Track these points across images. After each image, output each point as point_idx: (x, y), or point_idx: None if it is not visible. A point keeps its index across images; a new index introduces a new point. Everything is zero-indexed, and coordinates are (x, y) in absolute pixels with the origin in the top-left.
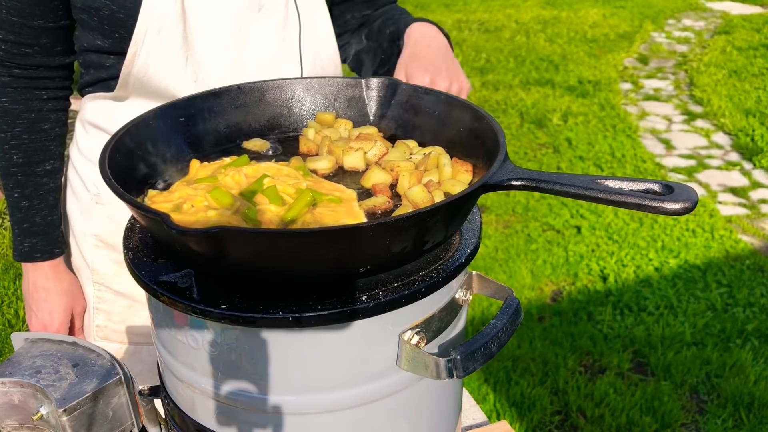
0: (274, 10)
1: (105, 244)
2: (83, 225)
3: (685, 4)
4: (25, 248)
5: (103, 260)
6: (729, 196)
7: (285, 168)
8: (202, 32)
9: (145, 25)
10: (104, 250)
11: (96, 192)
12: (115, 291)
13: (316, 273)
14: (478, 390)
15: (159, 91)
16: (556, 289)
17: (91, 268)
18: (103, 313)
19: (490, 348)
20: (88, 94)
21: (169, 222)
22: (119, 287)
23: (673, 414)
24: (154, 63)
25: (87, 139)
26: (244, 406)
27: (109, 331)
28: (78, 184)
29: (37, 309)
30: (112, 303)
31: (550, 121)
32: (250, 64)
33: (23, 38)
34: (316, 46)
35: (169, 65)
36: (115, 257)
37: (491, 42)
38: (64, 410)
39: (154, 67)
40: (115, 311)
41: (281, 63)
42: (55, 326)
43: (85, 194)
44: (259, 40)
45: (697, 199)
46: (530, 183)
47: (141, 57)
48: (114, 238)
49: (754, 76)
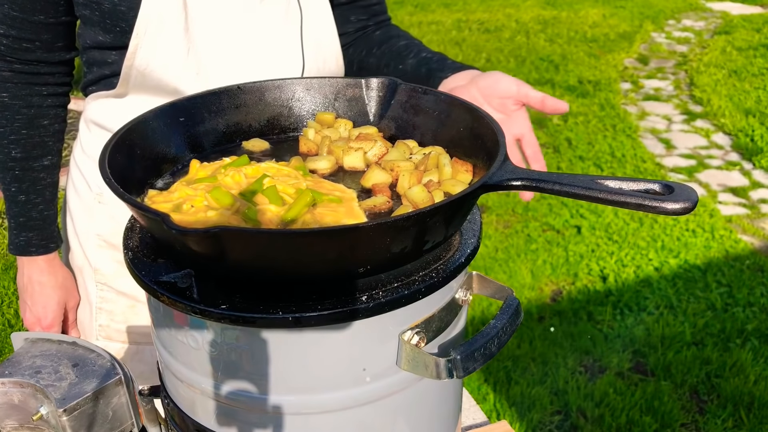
0: (275, 3)
1: (107, 244)
2: (86, 224)
3: (685, 4)
4: (21, 242)
5: (105, 260)
6: (729, 196)
7: (285, 168)
8: (203, 24)
9: (146, 17)
10: (107, 249)
11: (98, 191)
12: (118, 291)
13: (316, 273)
14: (478, 390)
15: (161, 85)
16: (556, 289)
17: (94, 268)
18: (105, 313)
19: (490, 348)
20: (92, 93)
21: (169, 222)
22: (121, 287)
23: (673, 414)
24: (155, 55)
25: (90, 139)
26: (244, 406)
27: (112, 330)
28: (81, 184)
29: (32, 303)
30: (115, 303)
31: (550, 121)
32: (252, 57)
33: (24, 33)
34: (318, 40)
35: (170, 57)
36: (117, 257)
37: (491, 42)
38: (64, 410)
39: (156, 59)
40: (118, 311)
41: (283, 55)
42: (48, 319)
43: (88, 193)
44: (261, 32)
45: (697, 199)
46: (530, 183)
47: (142, 49)
48: (116, 238)
49: (754, 76)
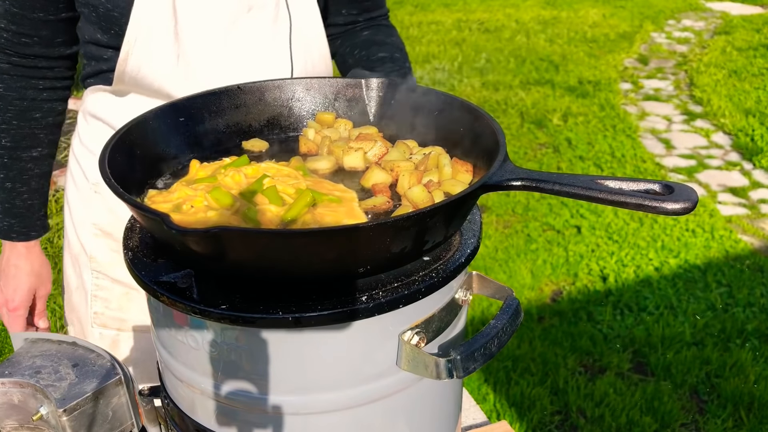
0: (264, 9)
1: (103, 233)
2: (82, 213)
3: (685, 4)
4: (4, 226)
5: (101, 248)
6: (729, 196)
7: (285, 168)
8: (193, 31)
9: (136, 25)
10: (102, 238)
11: (95, 182)
12: (113, 279)
13: (316, 273)
14: (478, 390)
15: (153, 89)
16: (556, 289)
17: (90, 256)
18: (100, 300)
19: (490, 348)
20: (90, 86)
21: (169, 222)
22: (116, 275)
23: (673, 414)
24: (146, 62)
25: (87, 130)
26: (244, 406)
27: (107, 318)
28: (78, 174)
29: (4, 284)
30: (110, 290)
31: (550, 121)
32: (241, 63)
33: (24, 29)
34: (307, 45)
35: (160, 64)
36: (112, 246)
37: (491, 42)
38: (64, 410)
39: (146, 66)
40: (113, 298)
41: (272, 61)
42: (16, 302)
43: (84, 183)
44: (250, 38)
45: (697, 199)
46: (530, 183)
47: (133, 56)
48: (111, 227)
49: (754, 76)
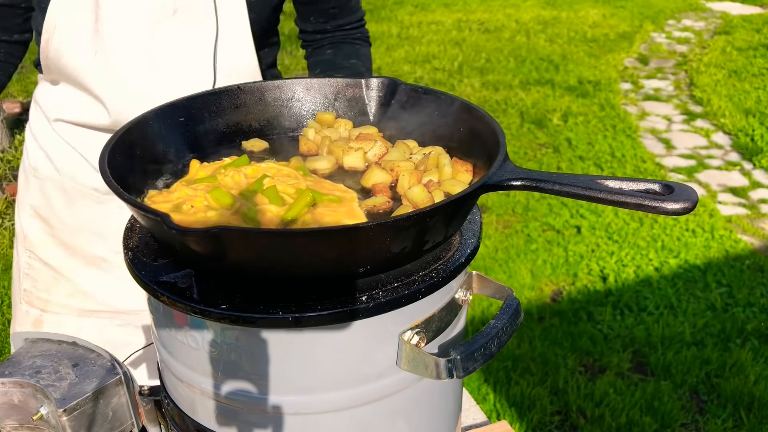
0: (190, 15)
1: (37, 215)
2: (23, 193)
3: (685, 4)
4: None
5: (35, 229)
6: (729, 196)
7: (285, 168)
8: (114, 28)
9: (55, 12)
10: (36, 219)
11: (34, 166)
12: (43, 261)
13: (316, 273)
14: (478, 390)
15: (74, 80)
16: (556, 289)
17: (24, 234)
18: (30, 279)
19: (490, 348)
20: (39, 73)
21: (169, 222)
22: (47, 258)
23: (673, 414)
24: (65, 52)
25: (34, 115)
26: (244, 406)
27: (34, 297)
28: (24, 156)
29: None
30: (39, 271)
31: (550, 121)
32: (162, 66)
33: None
34: (234, 58)
35: (78, 56)
36: (46, 229)
37: (491, 42)
38: (64, 410)
39: (66, 55)
40: (41, 279)
41: (193, 68)
42: None
43: (27, 166)
44: (171, 42)
45: (697, 199)
46: (530, 183)
47: (53, 43)
48: (45, 210)
49: (754, 76)
